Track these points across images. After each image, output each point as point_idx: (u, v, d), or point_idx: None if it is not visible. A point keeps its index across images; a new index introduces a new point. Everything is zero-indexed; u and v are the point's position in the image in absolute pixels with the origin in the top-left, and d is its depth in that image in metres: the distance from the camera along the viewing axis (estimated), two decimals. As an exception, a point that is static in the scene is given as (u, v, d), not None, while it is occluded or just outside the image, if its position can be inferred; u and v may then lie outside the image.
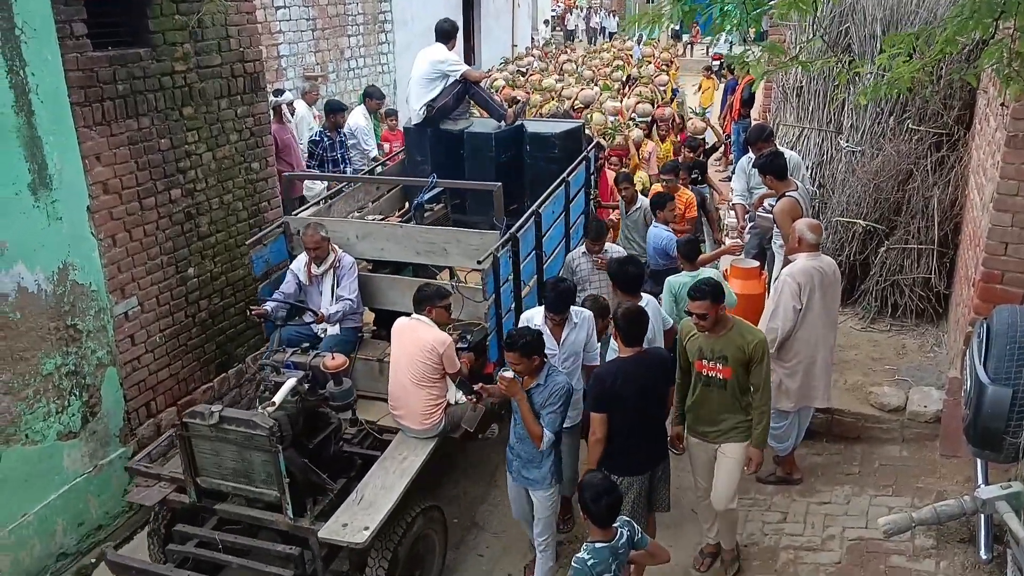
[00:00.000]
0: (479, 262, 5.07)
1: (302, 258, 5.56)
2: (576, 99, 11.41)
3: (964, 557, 4.34)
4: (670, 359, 4.60)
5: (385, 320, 5.72)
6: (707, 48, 23.37)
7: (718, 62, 15.58)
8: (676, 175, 7.41)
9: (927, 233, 6.49)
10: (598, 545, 3.48)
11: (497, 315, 5.16)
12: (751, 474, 5.46)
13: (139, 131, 5.44)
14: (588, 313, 4.94)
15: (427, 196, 6.03)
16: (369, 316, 6.15)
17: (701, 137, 10.13)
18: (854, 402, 5.74)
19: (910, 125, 6.66)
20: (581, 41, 28.26)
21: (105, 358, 5.28)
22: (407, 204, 6.75)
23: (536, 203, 5.84)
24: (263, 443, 4.12)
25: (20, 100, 4.56)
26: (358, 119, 8.96)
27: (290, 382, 4.31)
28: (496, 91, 11.93)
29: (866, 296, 6.83)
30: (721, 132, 11.46)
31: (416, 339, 4.77)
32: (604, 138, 9.26)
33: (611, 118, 10.24)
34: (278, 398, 4.19)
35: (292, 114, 8.76)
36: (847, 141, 7.14)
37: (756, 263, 6.39)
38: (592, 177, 7.26)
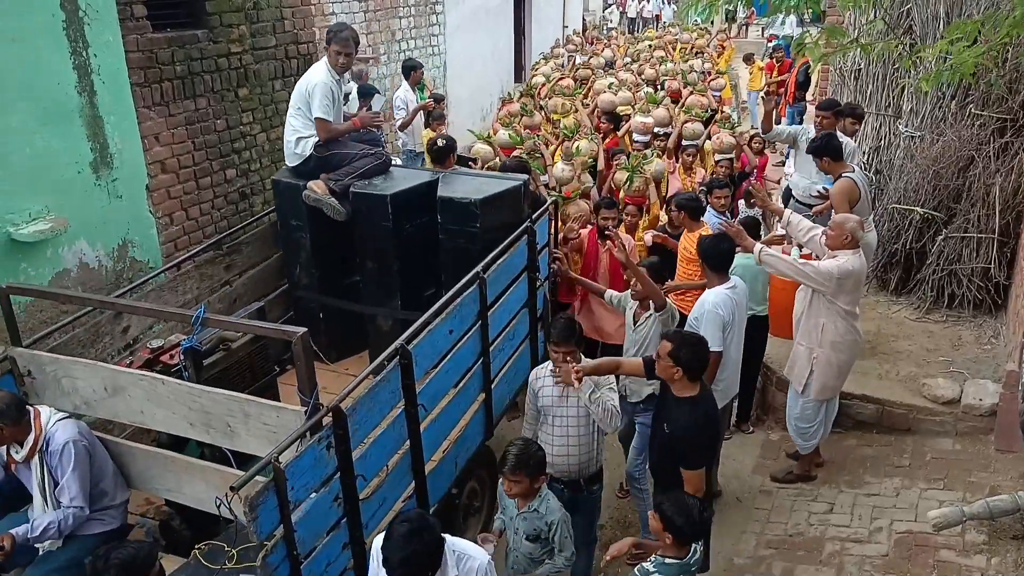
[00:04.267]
0: (232, 488, 2.79)
1: None
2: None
3: (1017, 554, 4.25)
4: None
5: None
6: (763, 29, 22.79)
7: (772, 43, 15.24)
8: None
9: (987, 221, 6.31)
10: (668, 561, 3.16)
11: (291, 558, 2.99)
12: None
13: (196, 111, 5.58)
14: (482, 559, 3.04)
15: (199, 338, 3.84)
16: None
17: (725, 170, 7.57)
18: (906, 393, 5.63)
19: (973, 110, 6.46)
20: (650, 28, 26.20)
21: (162, 333, 5.43)
22: (288, 280, 5.31)
23: (408, 332, 3.65)
24: None
25: (83, 81, 4.69)
26: (405, 95, 8.78)
27: None
28: (534, 88, 11.17)
29: (922, 286, 6.67)
30: (753, 157, 8.36)
31: None
32: (614, 172, 6.96)
33: (639, 138, 8.19)
34: None
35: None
36: (906, 126, 6.95)
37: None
38: (540, 257, 5.02)
